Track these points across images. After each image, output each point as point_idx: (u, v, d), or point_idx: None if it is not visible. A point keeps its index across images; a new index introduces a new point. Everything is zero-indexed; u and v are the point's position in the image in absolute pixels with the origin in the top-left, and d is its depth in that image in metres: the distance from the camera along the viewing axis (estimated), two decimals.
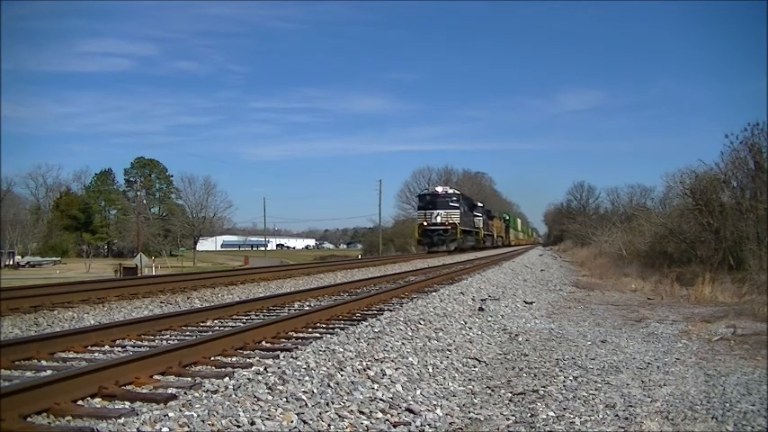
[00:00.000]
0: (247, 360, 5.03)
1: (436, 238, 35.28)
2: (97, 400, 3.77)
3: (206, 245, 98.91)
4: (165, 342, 5.90)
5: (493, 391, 4.80)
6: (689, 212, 21.55)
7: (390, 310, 7.93)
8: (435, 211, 36.15)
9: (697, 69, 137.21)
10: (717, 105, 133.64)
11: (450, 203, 36.56)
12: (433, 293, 10.22)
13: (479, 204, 48.51)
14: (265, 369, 4.20)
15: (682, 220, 22.23)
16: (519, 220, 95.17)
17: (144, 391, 4.00)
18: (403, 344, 5.67)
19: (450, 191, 38.42)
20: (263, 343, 5.86)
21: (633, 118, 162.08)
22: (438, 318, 7.52)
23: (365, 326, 6.35)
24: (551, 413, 4.13)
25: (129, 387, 4.06)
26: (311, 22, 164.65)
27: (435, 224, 35.77)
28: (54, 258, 68.40)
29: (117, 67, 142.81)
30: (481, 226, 45.39)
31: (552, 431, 3.81)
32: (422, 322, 6.90)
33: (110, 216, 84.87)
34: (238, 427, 3.21)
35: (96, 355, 5.32)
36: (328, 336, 5.79)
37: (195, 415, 3.22)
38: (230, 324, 7.11)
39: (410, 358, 5.21)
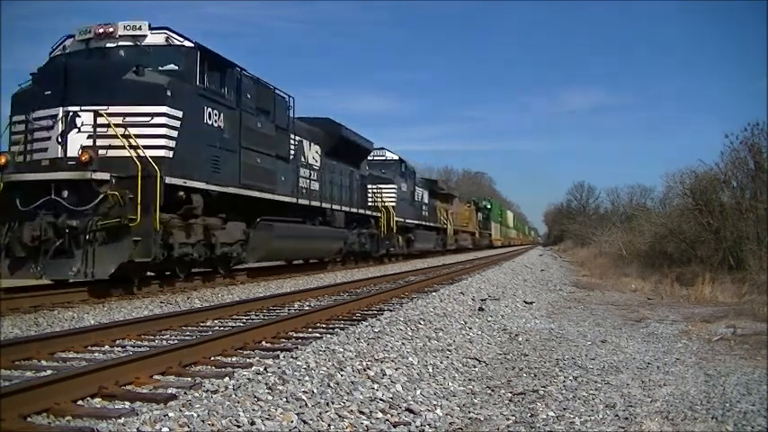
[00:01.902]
0: (247, 360, 5.04)
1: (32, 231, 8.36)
2: (97, 400, 3.77)
3: None
4: (165, 342, 5.90)
5: (493, 391, 4.79)
6: (689, 212, 21.52)
7: (390, 310, 7.93)
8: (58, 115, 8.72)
9: (697, 69, 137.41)
10: (717, 105, 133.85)
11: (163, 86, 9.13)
12: (433, 293, 10.22)
13: (397, 159, 24.48)
14: (265, 369, 4.20)
15: (682, 220, 22.21)
16: (510, 214, 78.05)
17: (144, 391, 4.00)
18: (403, 344, 5.67)
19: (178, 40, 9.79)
20: (263, 343, 5.87)
21: (634, 118, 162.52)
22: (438, 318, 7.52)
23: (365, 326, 6.35)
24: (551, 413, 4.13)
25: (129, 387, 4.06)
26: (312, 22, 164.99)
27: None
28: None
29: None
30: (393, 202, 22.14)
31: (552, 431, 3.80)
32: (422, 322, 6.89)
33: None
34: (238, 427, 3.21)
35: (96, 355, 5.32)
36: (328, 336, 5.79)
37: (195, 415, 3.22)
38: (230, 324, 7.11)
39: (410, 358, 5.21)
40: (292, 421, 3.39)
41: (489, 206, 54.50)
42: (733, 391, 4.69)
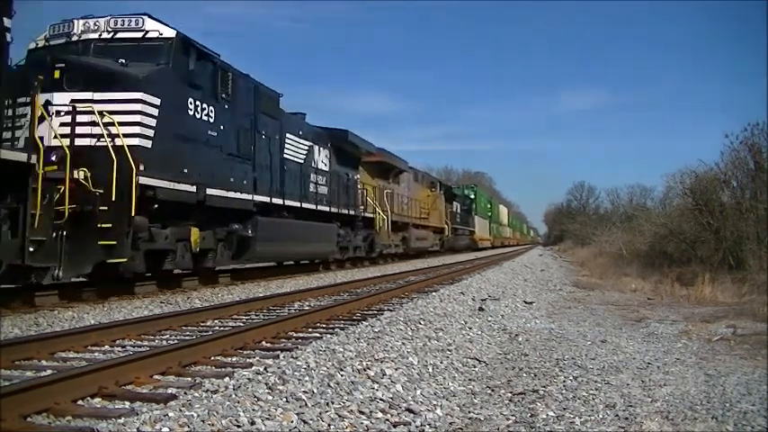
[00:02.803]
0: (247, 360, 5.04)
1: None
2: (97, 400, 3.77)
3: None
4: (165, 342, 5.90)
5: (493, 390, 4.79)
6: (689, 212, 21.52)
7: (390, 310, 7.93)
8: None
9: (698, 69, 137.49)
10: (717, 105, 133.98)
11: None
12: (433, 293, 10.22)
13: (172, 36, 9.61)
14: (265, 369, 4.20)
15: (682, 220, 22.20)
16: (504, 209, 67.69)
17: (144, 391, 4.00)
18: (403, 344, 5.67)
19: None
20: (263, 343, 5.87)
21: (634, 118, 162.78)
22: (438, 318, 7.52)
23: (365, 326, 6.35)
24: (551, 413, 4.12)
25: (129, 387, 4.06)
26: (311, 22, 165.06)
27: None
28: None
29: None
30: (138, 137, 8.52)
31: (552, 431, 3.80)
32: (422, 322, 6.89)
33: None
34: (238, 426, 3.21)
35: (96, 355, 5.32)
36: (328, 336, 5.79)
37: (195, 415, 3.22)
38: (230, 324, 7.11)
39: (410, 358, 5.21)
40: (292, 421, 3.39)
41: (473, 195, 41.84)
42: (733, 391, 4.69)
